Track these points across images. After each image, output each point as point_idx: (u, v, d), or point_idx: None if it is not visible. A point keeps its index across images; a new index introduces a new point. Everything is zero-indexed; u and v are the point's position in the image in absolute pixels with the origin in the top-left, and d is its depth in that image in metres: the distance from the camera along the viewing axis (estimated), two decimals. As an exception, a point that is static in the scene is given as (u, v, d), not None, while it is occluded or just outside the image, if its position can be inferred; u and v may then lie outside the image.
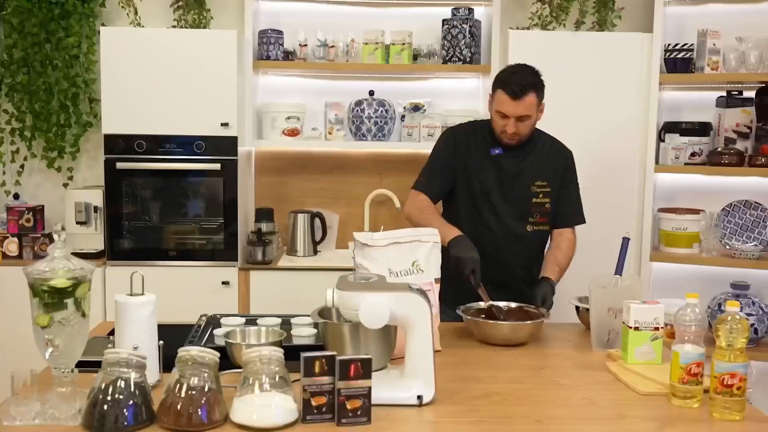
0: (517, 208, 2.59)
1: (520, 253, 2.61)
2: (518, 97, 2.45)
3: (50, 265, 1.58)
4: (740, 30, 3.54)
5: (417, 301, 1.71)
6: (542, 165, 2.61)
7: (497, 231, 2.58)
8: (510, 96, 2.45)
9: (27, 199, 3.89)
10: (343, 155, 3.96)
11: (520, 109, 2.47)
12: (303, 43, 3.71)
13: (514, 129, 2.50)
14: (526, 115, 2.49)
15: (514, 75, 2.49)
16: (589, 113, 3.53)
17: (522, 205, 2.58)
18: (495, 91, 2.52)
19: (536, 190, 2.58)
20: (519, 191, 2.58)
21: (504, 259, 2.58)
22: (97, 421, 1.49)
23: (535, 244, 2.63)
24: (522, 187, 2.58)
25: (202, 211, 3.51)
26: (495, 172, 2.58)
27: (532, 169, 2.59)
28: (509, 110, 2.47)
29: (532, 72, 2.51)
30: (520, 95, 2.45)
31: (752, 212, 3.57)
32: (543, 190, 2.58)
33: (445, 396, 1.75)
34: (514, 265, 2.62)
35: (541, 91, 2.51)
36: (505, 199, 2.58)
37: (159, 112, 3.43)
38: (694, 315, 1.71)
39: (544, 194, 2.59)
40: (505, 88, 2.47)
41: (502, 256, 2.57)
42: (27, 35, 3.64)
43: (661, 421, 1.66)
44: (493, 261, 2.50)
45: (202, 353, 1.56)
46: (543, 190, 2.58)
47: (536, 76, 2.51)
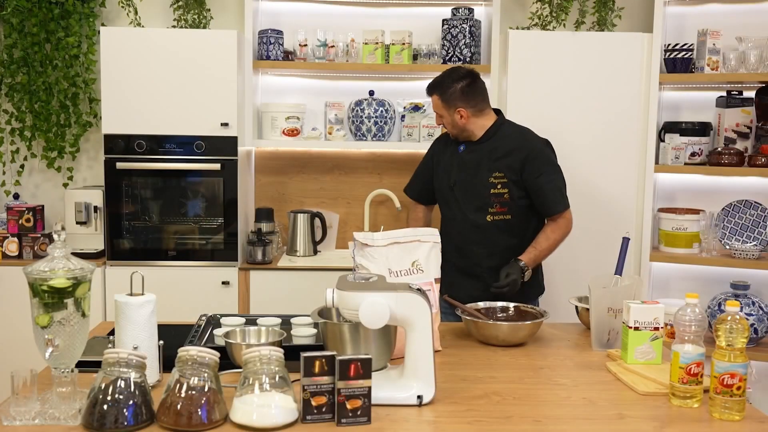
0: (477, 199, 2.73)
1: (483, 242, 2.73)
2: (428, 95, 2.79)
3: (50, 265, 1.58)
4: (740, 30, 3.54)
5: (417, 301, 1.71)
6: (499, 156, 2.73)
7: (462, 222, 2.75)
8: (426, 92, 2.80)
9: (27, 198, 3.89)
10: (343, 155, 3.96)
11: (433, 106, 2.78)
12: (303, 43, 3.71)
13: (440, 122, 2.81)
14: (438, 114, 2.77)
15: (438, 76, 2.78)
16: (589, 113, 3.53)
17: (482, 196, 2.72)
18: None
19: (494, 181, 2.71)
20: (478, 183, 2.72)
21: (470, 250, 2.74)
22: (97, 421, 1.50)
23: (496, 233, 2.73)
24: (481, 179, 2.72)
25: (202, 211, 3.51)
26: (459, 167, 2.78)
27: (488, 161, 2.73)
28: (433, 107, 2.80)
29: (444, 74, 2.77)
30: (428, 93, 2.78)
31: (752, 212, 3.57)
32: (500, 181, 2.70)
33: (444, 396, 1.76)
34: (479, 254, 2.75)
35: (446, 93, 2.72)
36: (467, 191, 2.75)
37: (159, 112, 3.43)
38: (693, 315, 1.72)
39: (502, 185, 2.70)
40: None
41: (467, 246, 2.73)
42: (27, 35, 3.64)
43: (660, 421, 1.66)
44: (461, 252, 2.74)
45: (202, 353, 1.56)
46: (500, 180, 2.70)
47: (443, 78, 2.75)
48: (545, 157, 2.76)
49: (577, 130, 3.54)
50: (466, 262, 2.76)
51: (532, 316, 2.29)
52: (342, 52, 3.70)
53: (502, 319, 2.32)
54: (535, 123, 3.51)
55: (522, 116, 3.51)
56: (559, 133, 3.53)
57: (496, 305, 2.39)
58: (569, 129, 3.54)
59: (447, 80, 2.73)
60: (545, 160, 2.75)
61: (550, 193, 2.72)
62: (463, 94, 2.71)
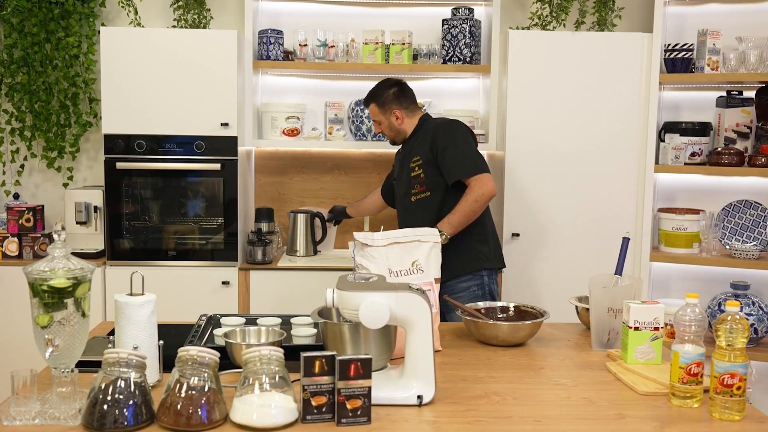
0: (404, 185, 3.07)
1: (413, 221, 2.85)
2: (366, 107, 3.18)
3: (50, 265, 1.58)
4: (740, 30, 3.55)
5: (417, 301, 1.71)
6: (415, 145, 3.06)
7: (399, 208, 3.15)
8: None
9: (27, 198, 3.89)
10: (343, 155, 3.96)
11: (372, 116, 3.15)
12: (303, 43, 3.71)
13: (379, 130, 3.17)
14: (376, 120, 3.14)
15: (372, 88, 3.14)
16: (589, 113, 3.53)
17: (407, 181, 3.05)
18: None
19: (412, 166, 3.02)
20: (405, 172, 3.07)
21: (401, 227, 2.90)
22: (97, 421, 1.49)
23: (421, 212, 2.99)
24: (405, 168, 3.07)
25: (202, 211, 3.51)
26: (397, 164, 3.20)
27: (411, 150, 3.08)
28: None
29: (378, 86, 3.13)
30: (366, 106, 3.18)
31: (752, 212, 3.58)
32: (417, 164, 3.01)
33: (444, 396, 1.76)
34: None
35: (380, 100, 3.09)
36: (399, 181, 3.13)
37: (159, 112, 3.43)
38: (693, 315, 1.71)
39: (418, 167, 3.00)
40: None
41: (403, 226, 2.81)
42: (27, 35, 3.64)
43: (660, 421, 1.66)
44: None
45: (202, 353, 1.56)
46: (417, 163, 3.01)
47: (376, 90, 3.11)
48: (449, 132, 2.99)
49: (577, 130, 3.54)
50: None
51: (532, 316, 2.29)
52: (342, 52, 3.70)
53: (502, 319, 2.32)
54: (535, 123, 3.53)
55: (522, 116, 3.53)
56: (559, 133, 3.54)
57: (496, 305, 2.39)
58: (569, 129, 3.54)
59: (380, 89, 3.11)
60: (449, 135, 2.97)
61: (451, 160, 2.91)
62: (396, 98, 3.08)
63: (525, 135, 3.54)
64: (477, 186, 2.86)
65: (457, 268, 2.90)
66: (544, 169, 3.54)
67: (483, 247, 2.98)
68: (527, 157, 3.52)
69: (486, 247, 2.99)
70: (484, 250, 2.98)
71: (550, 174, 3.54)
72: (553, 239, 3.54)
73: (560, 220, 3.54)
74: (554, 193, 3.53)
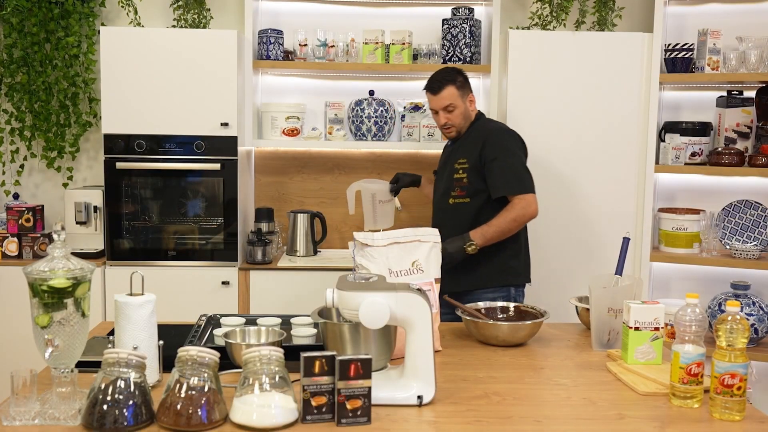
0: (444, 184, 2.96)
1: (447, 224, 2.82)
2: (436, 92, 2.90)
3: (50, 265, 1.58)
4: (740, 29, 3.54)
5: (417, 301, 1.71)
6: (465, 145, 2.93)
7: (435, 205, 3.02)
8: (431, 92, 2.92)
9: (27, 198, 3.89)
10: (343, 155, 3.96)
11: (442, 102, 2.89)
12: (303, 43, 3.71)
13: (444, 120, 2.91)
14: (450, 104, 2.89)
15: (434, 76, 2.93)
16: (589, 113, 3.53)
17: (448, 181, 2.93)
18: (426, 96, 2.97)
19: (457, 167, 2.90)
20: (448, 170, 2.95)
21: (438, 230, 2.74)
22: (97, 421, 1.49)
23: (457, 216, 2.88)
24: (449, 167, 2.94)
25: (201, 211, 3.51)
26: (443, 161, 3.06)
27: (458, 150, 2.95)
28: (434, 105, 2.93)
29: (448, 70, 2.94)
30: (437, 90, 2.89)
31: (752, 212, 3.57)
32: (462, 167, 2.89)
33: (444, 396, 1.75)
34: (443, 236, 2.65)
35: (461, 83, 2.90)
36: (440, 178, 3.01)
37: (159, 112, 3.42)
38: (694, 315, 1.71)
39: (463, 170, 2.88)
40: (427, 88, 2.95)
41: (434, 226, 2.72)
42: (27, 35, 3.64)
43: (661, 421, 1.65)
44: None
45: (202, 353, 1.55)
46: (462, 166, 2.89)
47: (451, 73, 2.91)
48: (503, 142, 2.88)
49: (578, 130, 3.54)
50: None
51: (532, 316, 2.29)
52: (342, 52, 3.70)
53: (503, 319, 2.32)
54: (535, 123, 3.52)
55: (522, 116, 3.53)
56: (560, 133, 3.54)
57: (496, 305, 2.39)
58: (569, 129, 3.54)
59: (451, 73, 2.91)
60: (502, 146, 2.86)
61: (500, 174, 2.82)
62: (467, 82, 2.95)
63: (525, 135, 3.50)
64: (520, 206, 2.77)
65: (485, 280, 2.83)
66: (544, 169, 3.53)
67: (514, 261, 2.90)
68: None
69: (517, 261, 2.91)
70: (515, 265, 2.90)
71: (551, 174, 3.53)
72: (553, 239, 3.54)
73: (560, 220, 3.54)
74: (554, 193, 3.52)
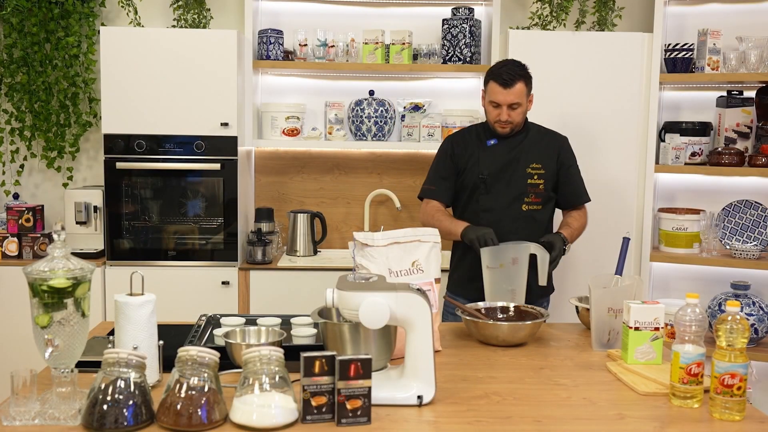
0: (514, 189, 2.79)
1: (518, 232, 2.74)
2: (509, 86, 2.70)
3: (50, 265, 1.58)
4: (740, 29, 3.54)
5: (417, 301, 1.71)
6: (537, 149, 2.83)
7: (497, 212, 2.78)
8: (501, 85, 2.71)
9: (27, 198, 3.89)
10: (343, 155, 3.96)
11: (511, 97, 2.71)
12: (303, 43, 3.71)
13: (507, 116, 2.73)
14: (517, 102, 2.72)
15: (504, 67, 2.74)
16: (589, 113, 3.53)
17: (519, 186, 2.79)
18: (487, 84, 2.76)
19: (531, 172, 2.79)
20: (515, 173, 2.79)
21: (504, 239, 2.68)
22: (97, 421, 1.49)
23: (530, 223, 2.80)
24: (518, 170, 2.79)
25: (201, 211, 3.51)
26: (491, 159, 2.81)
27: (527, 152, 2.81)
28: (501, 99, 2.72)
29: (520, 65, 2.76)
30: (510, 84, 2.70)
31: (752, 212, 3.57)
32: (537, 172, 2.79)
33: (444, 396, 1.75)
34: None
35: (530, 82, 2.76)
36: (503, 181, 2.80)
37: (159, 112, 3.43)
38: (694, 315, 1.71)
39: (539, 176, 2.79)
40: (496, 78, 2.72)
41: (501, 235, 2.67)
42: (26, 35, 3.64)
43: (661, 421, 1.65)
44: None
45: (202, 353, 1.55)
46: (537, 171, 2.79)
47: (524, 69, 2.76)
48: (572, 150, 2.91)
49: (578, 129, 3.53)
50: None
51: (532, 316, 2.29)
52: (342, 52, 3.70)
53: (503, 319, 2.32)
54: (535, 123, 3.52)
55: (522, 116, 3.52)
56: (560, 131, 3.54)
57: (496, 305, 2.39)
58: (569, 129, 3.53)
59: (523, 67, 2.75)
60: (573, 154, 2.90)
61: (579, 181, 2.87)
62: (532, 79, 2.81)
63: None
64: (586, 215, 2.89)
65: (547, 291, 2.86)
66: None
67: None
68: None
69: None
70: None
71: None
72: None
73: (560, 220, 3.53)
74: (554, 193, 3.52)
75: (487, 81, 2.76)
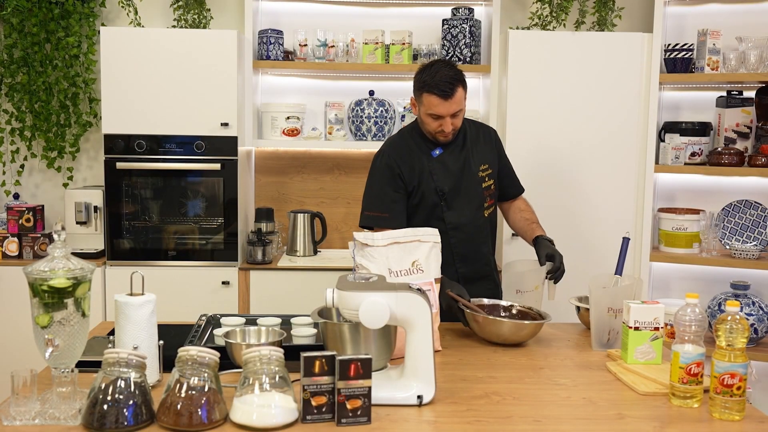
0: (474, 198, 2.58)
1: (486, 240, 2.64)
2: (449, 96, 2.41)
3: (50, 265, 1.58)
4: (740, 30, 3.54)
5: (417, 301, 1.71)
6: (478, 148, 2.62)
7: (464, 228, 2.56)
8: (441, 97, 2.41)
9: (27, 198, 3.89)
10: (343, 155, 3.96)
11: (453, 107, 2.43)
12: (303, 43, 3.71)
13: (450, 127, 2.47)
14: (459, 109, 2.46)
15: (438, 75, 2.42)
16: (589, 113, 3.53)
17: (477, 194, 2.58)
18: (422, 95, 2.46)
19: (482, 176, 2.60)
20: (471, 182, 2.56)
21: (477, 251, 2.60)
22: (97, 420, 1.49)
23: (492, 227, 2.67)
24: (472, 177, 2.57)
25: (202, 211, 3.51)
26: (444, 171, 2.55)
27: (473, 155, 2.60)
28: (443, 110, 2.44)
29: (452, 67, 2.47)
30: (450, 94, 2.41)
31: (752, 212, 3.57)
32: (487, 173, 2.61)
33: (444, 396, 1.76)
34: (485, 252, 2.65)
35: (465, 83, 2.48)
36: (461, 193, 2.56)
37: (159, 112, 3.43)
38: (694, 315, 1.72)
39: (488, 176, 2.61)
40: (434, 90, 2.42)
41: (474, 249, 2.59)
42: (27, 35, 3.64)
43: (661, 421, 1.66)
44: (468, 258, 2.58)
45: (202, 353, 1.56)
46: (487, 173, 2.61)
47: (458, 71, 2.47)
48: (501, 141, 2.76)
49: (578, 130, 3.54)
50: (474, 266, 2.59)
51: (532, 318, 2.29)
52: (342, 52, 3.70)
53: (505, 317, 2.32)
54: (535, 123, 3.53)
55: (522, 116, 3.53)
56: (560, 133, 3.54)
57: (499, 304, 2.38)
58: (569, 129, 3.54)
59: (457, 70, 2.46)
60: (502, 144, 2.75)
61: (514, 173, 2.74)
62: None
63: (525, 135, 3.54)
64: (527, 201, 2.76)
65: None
66: (544, 169, 3.54)
67: None
68: (527, 156, 3.51)
69: None
70: None
71: (550, 174, 3.53)
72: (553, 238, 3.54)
73: (560, 220, 3.53)
74: (554, 193, 3.52)
75: (421, 92, 2.46)
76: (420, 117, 2.53)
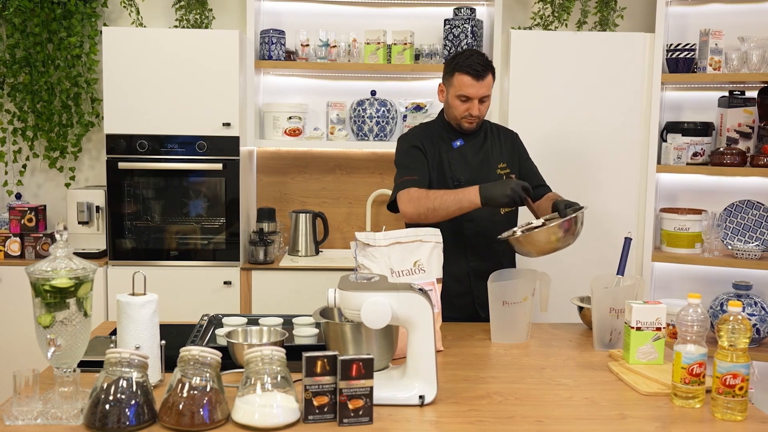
0: None
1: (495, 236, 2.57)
2: (481, 77, 2.48)
3: (52, 265, 1.58)
4: (742, 30, 3.54)
5: (419, 301, 1.71)
6: (499, 149, 2.66)
7: (479, 221, 2.56)
8: (474, 77, 2.48)
9: (29, 198, 3.90)
10: (344, 155, 3.96)
11: (483, 89, 2.50)
12: (305, 43, 3.71)
13: (478, 111, 2.52)
14: (487, 95, 2.53)
15: (472, 57, 2.51)
16: (591, 113, 3.53)
17: None
18: (453, 76, 2.52)
19: (500, 173, 2.61)
20: (487, 177, 2.56)
21: (490, 247, 2.58)
22: (99, 420, 1.50)
23: (510, 226, 2.61)
24: (489, 173, 2.60)
25: (203, 211, 3.51)
26: (462, 163, 2.60)
27: (492, 153, 2.64)
28: (473, 92, 2.50)
29: (485, 55, 2.56)
30: (483, 75, 2.48)
31: (754, 212, 3.57)
32: (505, 172, 2.62)
33: (446, 396, 1.76)
34: (498, 250, 2.61)
35: (495, 72, 2.56)
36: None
37: (161, 112, 3.43)
38: (696, 315, 1.71)
39: (506, 176, 2.61)
40: (467, 70, 2.49)
41: (486, 244, 2.57)
42: (29, 35, 3.64)
43: (662, 421, 1.66)
44: (479, 252, 2.59)
45: (204, 353, 1.56)
46: (505, 171, 2.62)
47: (489, 60, 2.55)
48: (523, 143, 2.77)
49: (579, 130, 3.54)
50: (486, 262, 2.55)
51: None
52: (344, 52, 3.70)
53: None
54: (537, 123, 3.53)
55: (524, 116, 3.53)
56: (561, 133, 3.54)
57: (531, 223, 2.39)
58: (571, 129, 3.54)
59: (488, 60, 2.53)
60: (524, 147, 2.76)
61: (540, 174, 2.73)
62: None
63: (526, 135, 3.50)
64: None
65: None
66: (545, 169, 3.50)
67: None
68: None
69: None
70: None
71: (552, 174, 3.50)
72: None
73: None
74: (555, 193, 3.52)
75: (452, 73, 2.52)
76: (448, 101, 2.58)
